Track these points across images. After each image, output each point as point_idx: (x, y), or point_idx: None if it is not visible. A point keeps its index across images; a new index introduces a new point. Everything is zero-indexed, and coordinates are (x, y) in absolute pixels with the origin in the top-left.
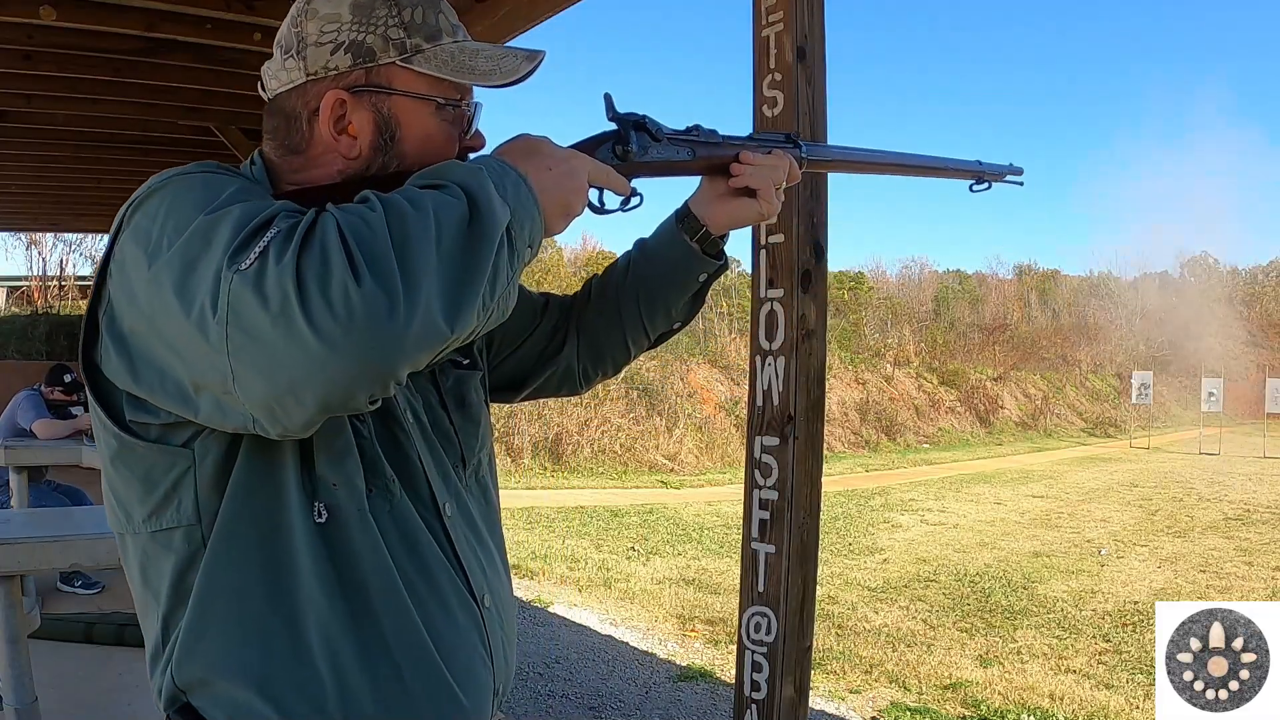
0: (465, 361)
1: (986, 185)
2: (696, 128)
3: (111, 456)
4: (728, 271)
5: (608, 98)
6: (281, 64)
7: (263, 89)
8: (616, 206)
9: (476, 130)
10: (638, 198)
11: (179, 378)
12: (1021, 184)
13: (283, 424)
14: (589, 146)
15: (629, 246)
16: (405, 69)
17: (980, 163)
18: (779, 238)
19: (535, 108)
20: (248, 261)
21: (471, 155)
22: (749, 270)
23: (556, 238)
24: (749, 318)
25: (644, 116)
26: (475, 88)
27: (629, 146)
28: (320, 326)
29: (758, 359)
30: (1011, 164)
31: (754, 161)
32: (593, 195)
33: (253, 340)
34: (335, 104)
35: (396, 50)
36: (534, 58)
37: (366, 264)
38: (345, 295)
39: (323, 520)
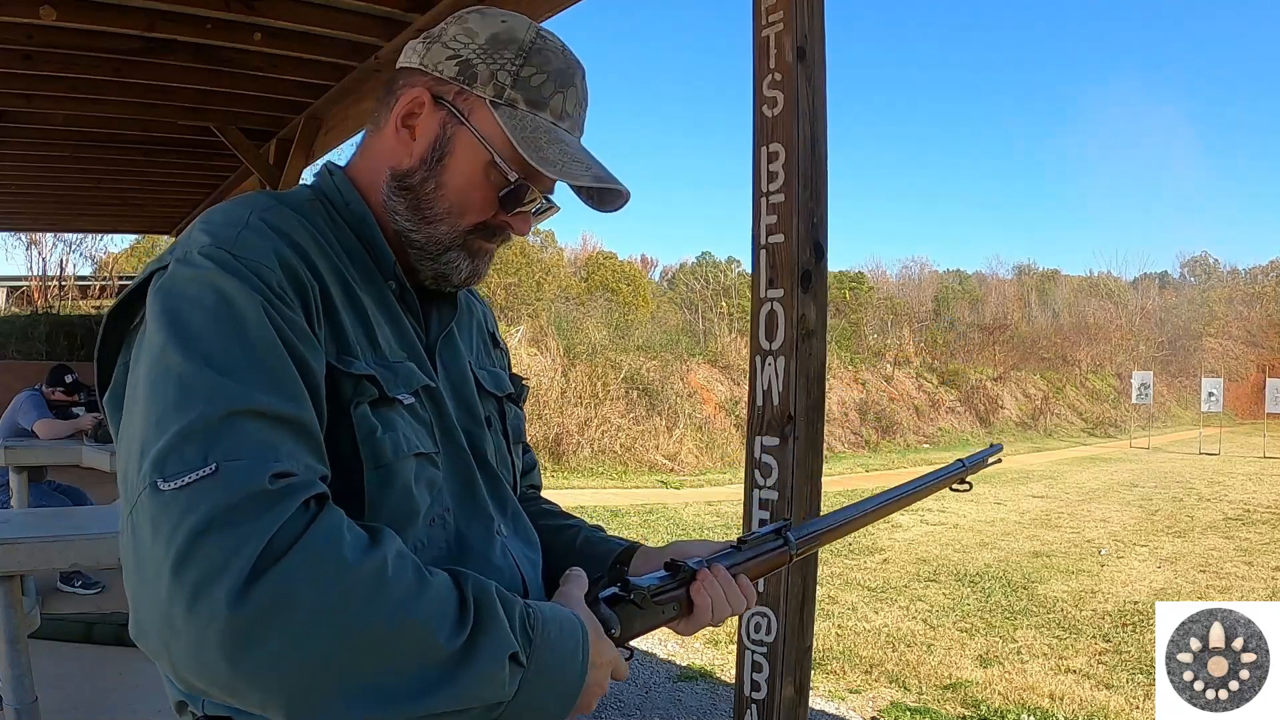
0: (520, 402)
1: (969, 486)
2: (675, 564)
3: None
4: (728, 272)
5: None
6: (415, 44)
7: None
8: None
9: (527, 219)
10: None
11: None
12: (1000, 460)
13: None
14: None
15: (632, 252)
16: (488, 111)
17: (963, 463)
18: (779, 238)
19: None
20: (171, 483)
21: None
22: (749, 270)
23: (557, 237)
24: (749, 318)
25: (627, 589)
26: (559, 189)
27: (613, 630)
28: (173, 605)
29: (758, 359)
30: (991, 444)
31: (711, 592)
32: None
33: (135, 544)
34: (415, 99)
35: (493, 90)
36: (606, 183)
37: (258, 599)
38: (211, 605)
39: None
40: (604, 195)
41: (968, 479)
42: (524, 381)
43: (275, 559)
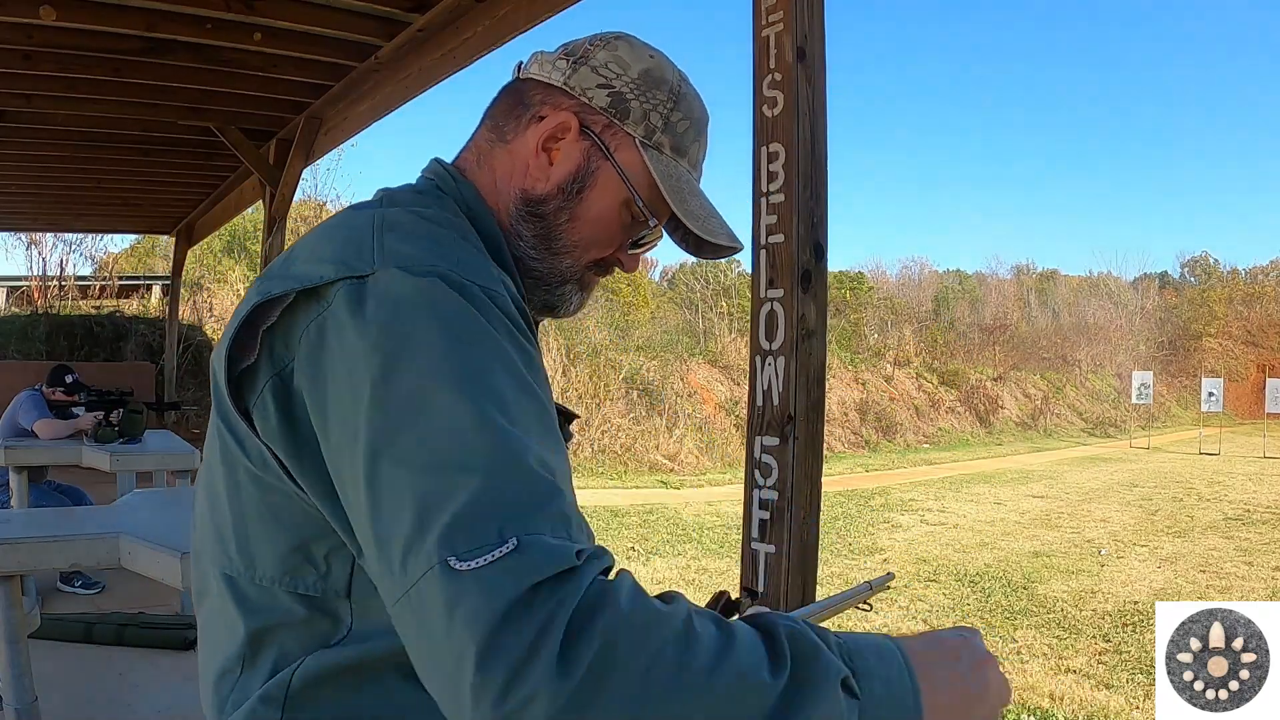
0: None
1: (869, 608)
2: None
3: (253, 497)
4: (728, 272)
5: None
6: (555, 60)
7: (520, 67)
8: None
9: (638, 259)
10: None
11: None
12: (889, 587)
13: None
14: None
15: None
16: (635, 150)
17: (869, 585)
18: (779, 238)
19: None
20: (467, 563)
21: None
22: (749, 270)
23: None
24: (749, 318)
25: None
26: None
27: None
28: (487, 693)
29: (758, 359)
30: (889, 573)
31: None
32: None
33: (421, 632)
34: (561, 124)
35: (644, 131)
36: (734, 242)
37: (581, 665)
38: (530, 687)
39: None
40: (705, 244)
41: (869, 600)
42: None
43: (585, 623)
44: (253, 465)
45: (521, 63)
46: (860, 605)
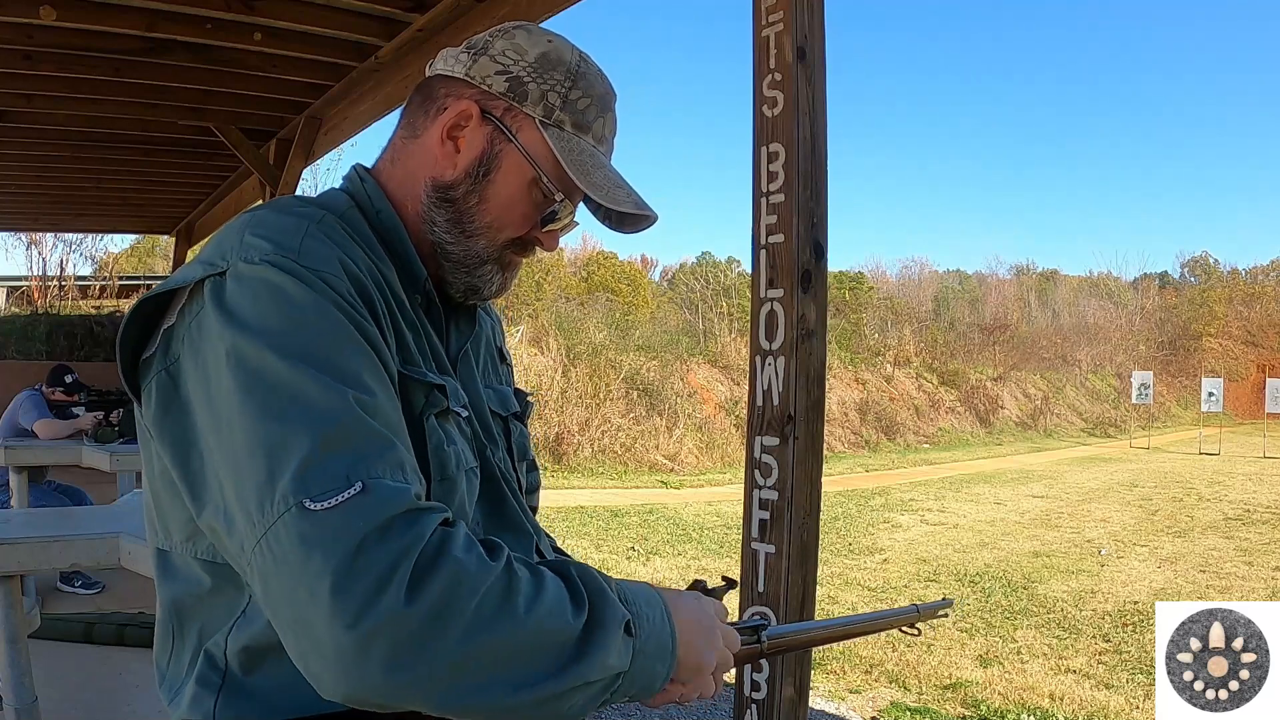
0: (525, 419)
1: (918, 632)
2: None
3: (159, 468)
4: (728, 272)
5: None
6: (458, 54)
7: (430, 64)
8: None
9: (555, 237)
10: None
11: (208, 488)
12: (947, 615)
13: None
14: None
15: (632, 252)
16: (536, 130)
17: (917, 608)
18: (779, 238)
19: None
20: (321, 503)
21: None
22: (749, 270)
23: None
24: (749, 318)
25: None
26: (582, 206)
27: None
28: (340, 616)
29: (758, 359)
30: (944, 598)
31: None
32: None
33: (278, 570)
34: (463, 112)
35: (543, 110)
36: (643, 210)
37: (429, 598)
38: (379, 613)
39: None
40: (625, 218)
41: (918, 624)
42: (529, 397)
43: (433, 561)
44: (151, 440)
45: (431, 62)
46: (906, 629)
